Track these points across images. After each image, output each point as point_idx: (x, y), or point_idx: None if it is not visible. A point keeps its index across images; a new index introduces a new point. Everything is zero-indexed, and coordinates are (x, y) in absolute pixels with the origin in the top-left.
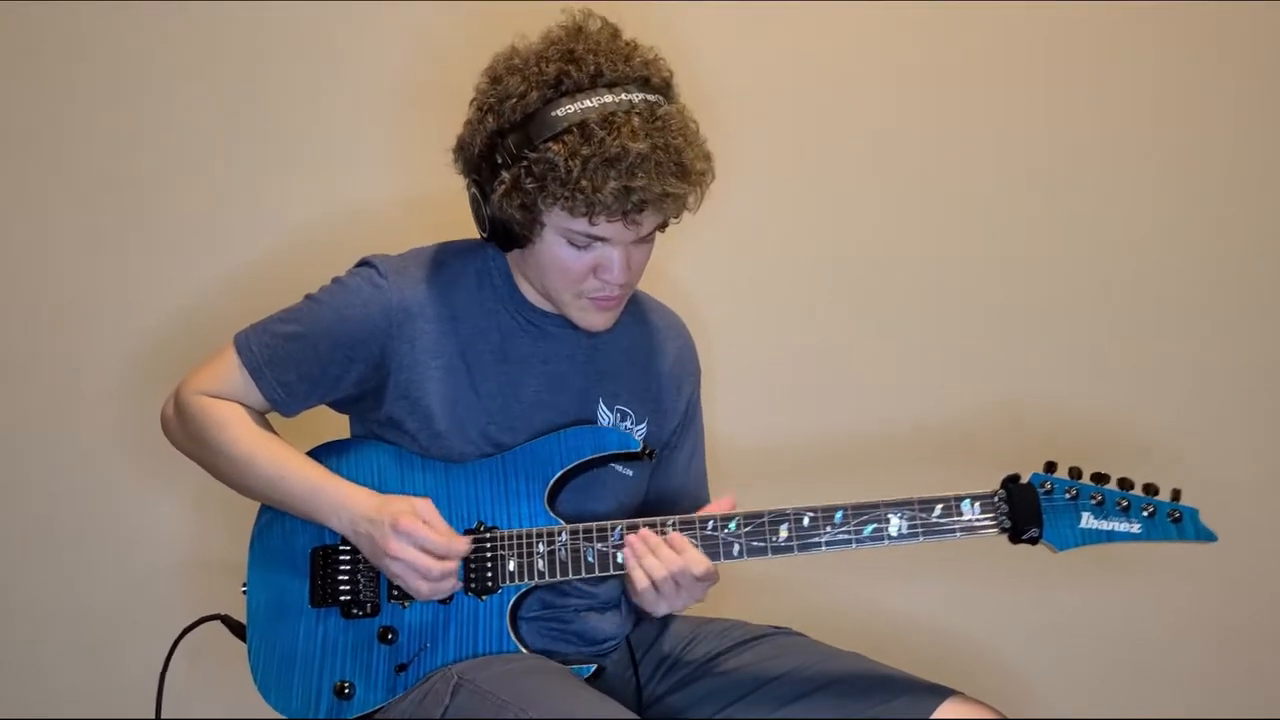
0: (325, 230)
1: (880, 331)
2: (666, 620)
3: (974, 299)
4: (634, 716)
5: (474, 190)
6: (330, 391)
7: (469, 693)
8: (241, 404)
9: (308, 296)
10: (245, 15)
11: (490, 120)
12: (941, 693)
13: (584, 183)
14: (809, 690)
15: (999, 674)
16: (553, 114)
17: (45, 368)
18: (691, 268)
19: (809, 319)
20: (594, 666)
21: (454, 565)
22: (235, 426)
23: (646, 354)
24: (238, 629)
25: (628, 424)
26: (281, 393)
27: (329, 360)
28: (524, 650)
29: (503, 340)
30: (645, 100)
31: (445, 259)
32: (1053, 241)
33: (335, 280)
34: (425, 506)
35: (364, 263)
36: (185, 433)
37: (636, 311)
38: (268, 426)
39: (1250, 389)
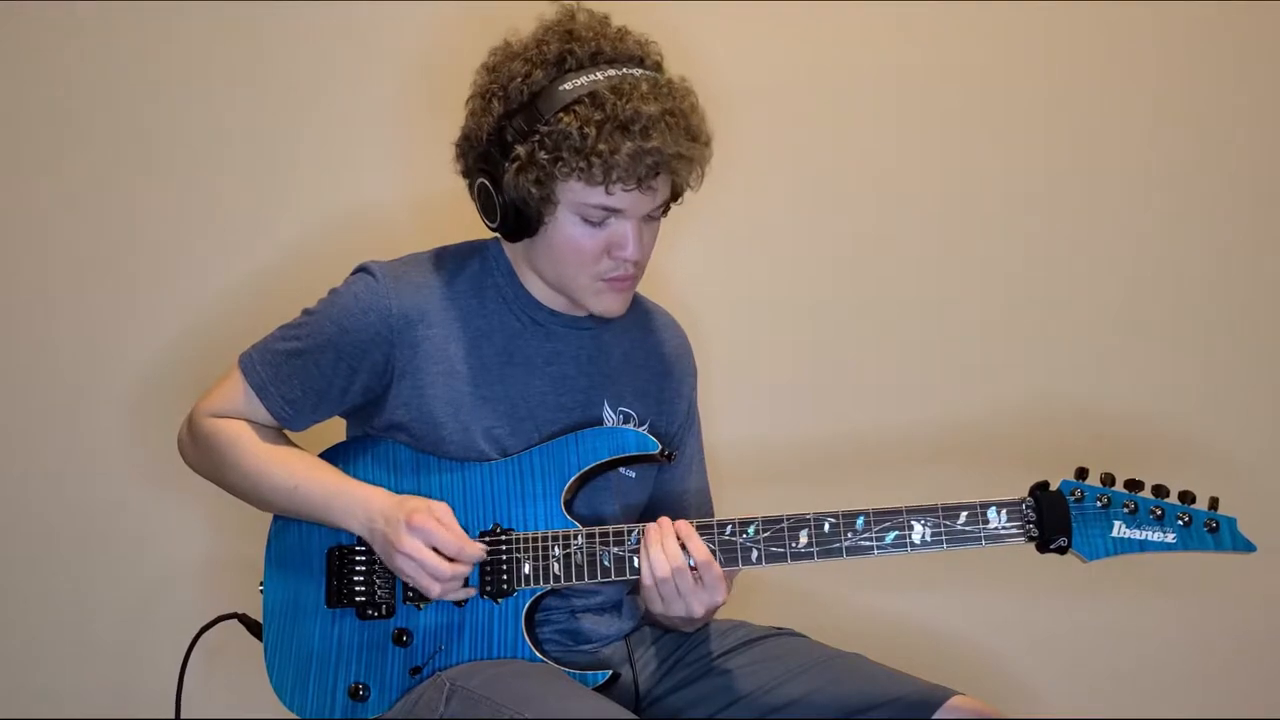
0: (330, 232)
1: (881, 331)
2: None
3: (975, 298)
4: (631, 716)
5: (483, 179)
6: (338, 404)
7: (463, 699)
8: (251, 421)
9: (305, 311)
10: (245, 18)
11: (496, 105)
12: (943, 693)
13: (601, 146)
14: (810, 691)
15: (1000, 675)
16: (561, 88)
17: (56, 371)
18: (691, 267)
19: (809, 319)
20: (608, 673)
21: (465, 569)
22: (245, 444)
23: (647, 355)
24: (255, 628)
25: (631, 425)
26: (289, 410)
27: (333, 373)
28: (538, 654)
29: (507, 341)
30: (645, 73)
31: (444, 262)
32: (1057, 240)
33: (332, 292)
34: (442, 509)
35: (361, 269)
36: (199, 455)
37: (636, 312)
38: (280, 438)
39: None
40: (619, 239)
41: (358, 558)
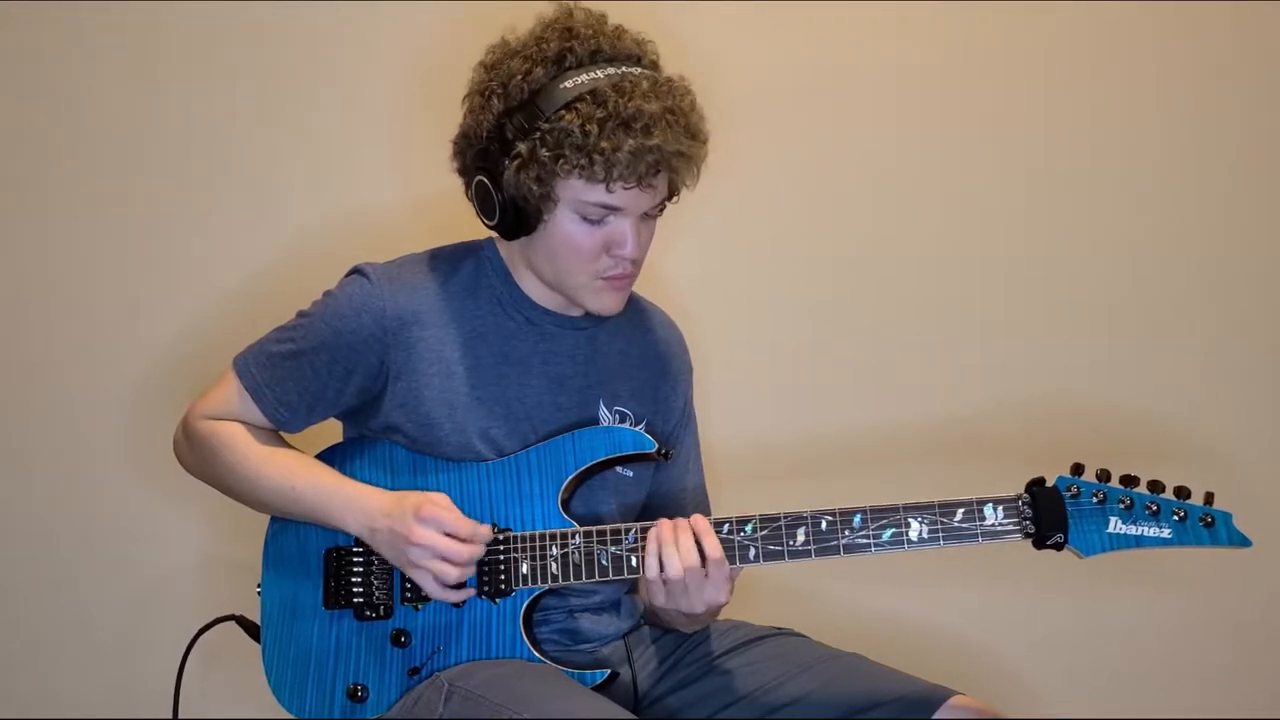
0: (329, 233)
1: (879, 330)
2: None
3: (973, 298)
4: (630, 716)
5: (481, 177)
6: (333, 406)
7: (462, 699)
8: (246, 423)
9: (300, 313)
10: (245, 18)
11: (496, 103)
12: (943, 693)
13: (603, 144)
14: (810, 691)
15: (1000, 675)
16: (561, 86)
17: (56, 372)
18: (688, 266)
19: (807, 318)
20: (606, 672)
21: (479, 549)
22: (241, 445)
23: (643, 353)
24: (252, 629)
25: (627, 425)
26: (284, 412)
27: (328, 375)
28: (537, 654)
29: (502, 341)
30: (645, 71)
31: (438, 263)
32: (1056, 239)
33: (326, 294)
34: (442, 498)
35: (355, 271)
36: (195, 458)
37: (631, 311)
38: (275, 440)
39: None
40: (618, 237)
41: (355, 559)
